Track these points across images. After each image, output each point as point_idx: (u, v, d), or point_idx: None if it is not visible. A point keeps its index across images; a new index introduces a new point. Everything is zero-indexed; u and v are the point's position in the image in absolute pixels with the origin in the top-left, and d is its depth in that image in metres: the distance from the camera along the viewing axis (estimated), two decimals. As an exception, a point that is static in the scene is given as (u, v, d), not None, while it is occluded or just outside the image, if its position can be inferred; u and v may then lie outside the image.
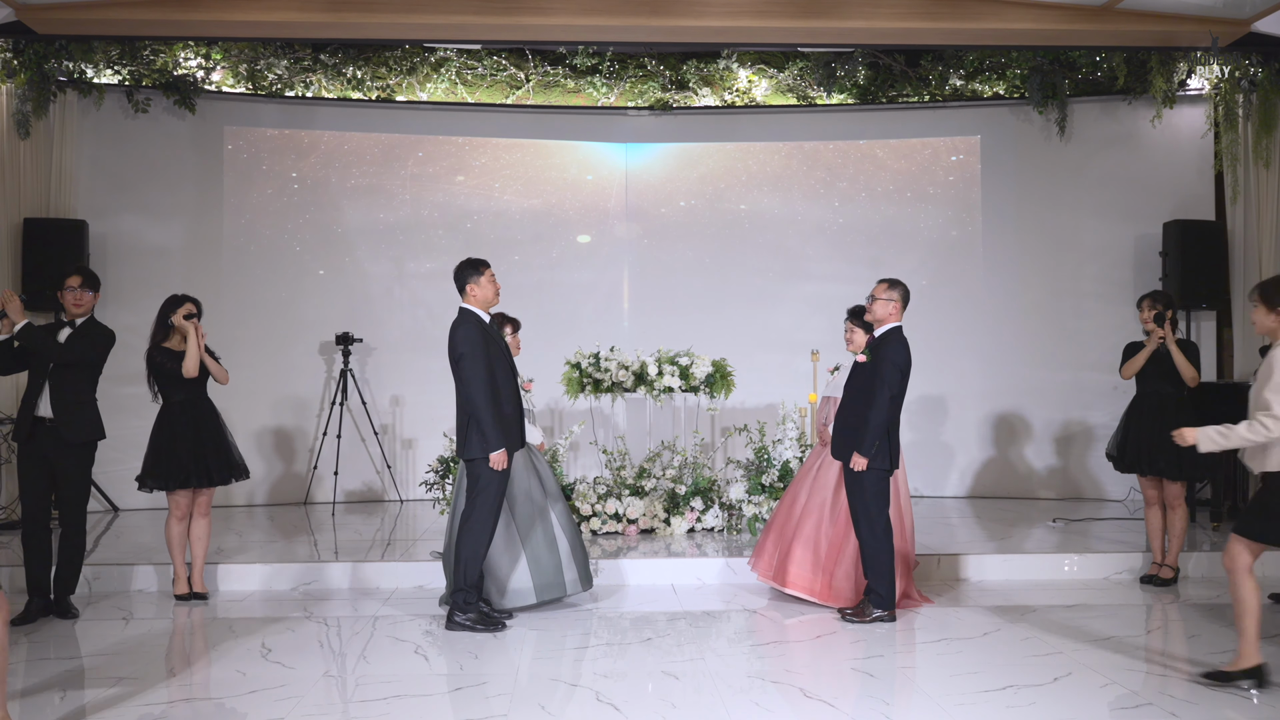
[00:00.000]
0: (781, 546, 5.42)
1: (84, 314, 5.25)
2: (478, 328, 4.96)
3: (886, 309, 5.10)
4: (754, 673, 4.34)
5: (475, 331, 4.94)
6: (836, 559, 5.28)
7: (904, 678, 4.27)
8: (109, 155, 8.03)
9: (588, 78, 8.67)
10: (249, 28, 7.18)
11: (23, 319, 5.01)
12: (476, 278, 5.03)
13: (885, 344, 5.03)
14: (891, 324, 5.09)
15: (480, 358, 4.89)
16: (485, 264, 5.09)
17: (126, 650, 4.64)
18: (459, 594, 4.94)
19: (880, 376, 4.94)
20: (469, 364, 4.86)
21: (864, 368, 5.07)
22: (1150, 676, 4.23)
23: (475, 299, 5.02)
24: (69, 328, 5.22)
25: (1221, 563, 4.27)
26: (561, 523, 5.26)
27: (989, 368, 8.47)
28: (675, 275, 8.74)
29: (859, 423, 4.97)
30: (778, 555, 5.43)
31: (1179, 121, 8.20)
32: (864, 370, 5.06)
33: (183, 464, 5.39)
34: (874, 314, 5.14)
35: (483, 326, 5.00)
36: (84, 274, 5.31)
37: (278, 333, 8.28)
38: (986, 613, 5.22)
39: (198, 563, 5.61)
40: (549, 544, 5.18)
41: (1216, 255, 7.97)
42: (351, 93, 8.52)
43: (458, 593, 4.95)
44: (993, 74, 8.48)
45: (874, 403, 4.93)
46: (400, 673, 4.34)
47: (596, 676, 4.26)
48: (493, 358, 4.94)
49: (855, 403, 5.06)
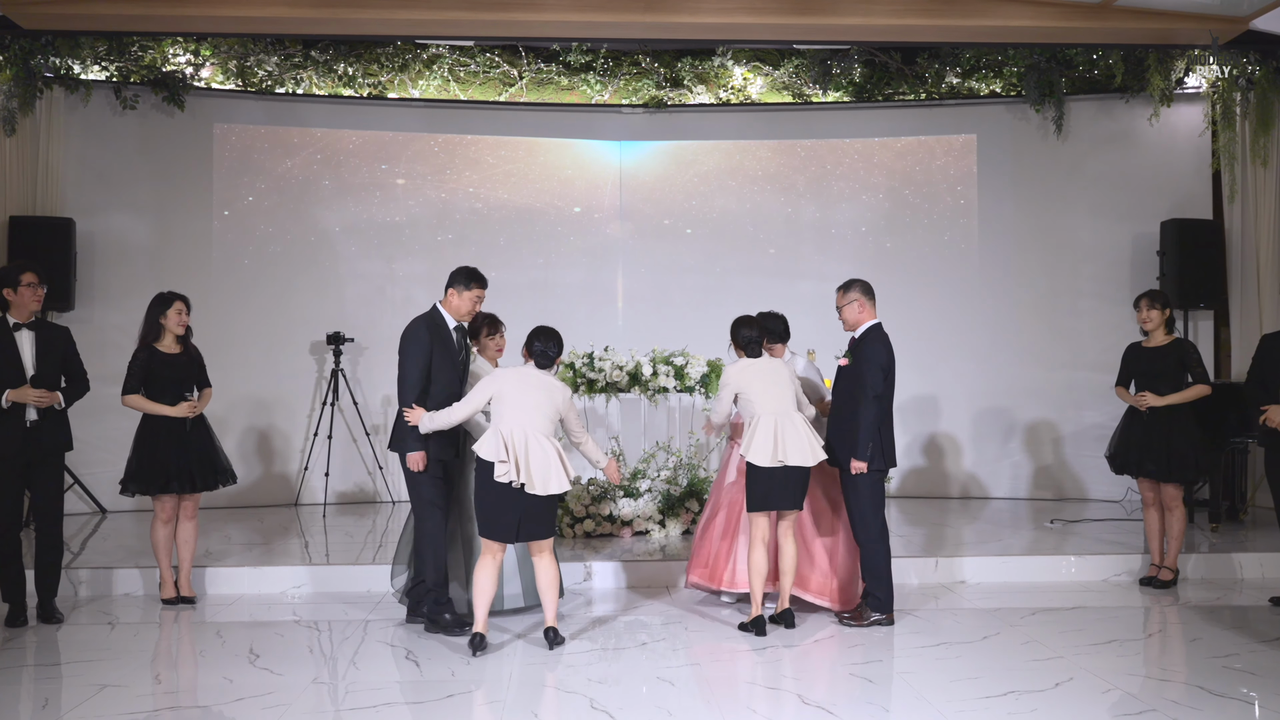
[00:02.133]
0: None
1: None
2: (429, 328, 4.91)
3: (853, 312, 5.06)
4: (751, 678, 4.27)
5: (424, 331, 4.90)
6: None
7: (903, 683, 4.20)
8: (96, 152, 7.92)
9: (581, 75, 8.59)
10: (238, 23, 7.10)
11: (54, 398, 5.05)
12: (461, 289, 4.97)
13: (864, 344, 4.97)
14: (868, 323, 5.04)
15: (419, 356, 4.85)
16: (479, 282, 5.01)
17: (111, 656, 4.55)
18: (430, 594, 4.88)
19: (862, 379, 4.88)
20: (405, 360, 4.87)
21: (847, 371, 5.01)
22: (1150, 681, 4.17)
23: (449, 305, 4.99)
24: (28, 330, 5.06)
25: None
26: None
27: (984, 367, 8.41)
28: (670, 274, 8.67)
29: (850, 427, 4.90)
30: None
31: (1176, 120, 8.15)
32: (847, 374, 5.00)
33: (166, 468, 5.29)
34: (845, 322, 5.10)
35: (438, 329, 4.93)
36: (40, 271, 5.16)
37: (268, 332, 8.19)
38: (985, 616, 5.16)
39: (184, 566, 5.52)
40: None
41: (1214, 254, 7.92)
42: (343, 90, 8.43)
43: (429, 593, 4.90)
44: (989, 72, 8.42)
45: (860, 406, 4.87)
46: (390, 679, 4.26)
47: (590, 682, 4.19)
48: (437, 362, 4.87)
49: (844, 407, 5.00)
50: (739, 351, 5.02)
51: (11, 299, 5.03)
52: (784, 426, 4.80)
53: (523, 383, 4.64)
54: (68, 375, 5.18)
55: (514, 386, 4.62)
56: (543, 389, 4.63)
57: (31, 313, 5.09)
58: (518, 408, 4.56)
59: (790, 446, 4.77)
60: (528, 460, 4.48)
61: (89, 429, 7.57)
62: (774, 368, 4.97)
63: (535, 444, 4.51)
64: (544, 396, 4.61)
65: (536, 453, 4.50)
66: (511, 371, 4.71)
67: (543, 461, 4.50)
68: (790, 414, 4.84)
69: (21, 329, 5.05)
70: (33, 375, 5.00)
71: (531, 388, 4.62)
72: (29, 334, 5.05)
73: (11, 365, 4.97)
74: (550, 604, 4.69)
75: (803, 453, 4.78)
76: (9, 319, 5.05)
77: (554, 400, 4.63)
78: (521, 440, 4.50)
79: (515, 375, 4.67)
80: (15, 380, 4.96)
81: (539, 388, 4.63)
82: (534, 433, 4.52)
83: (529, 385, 4.63)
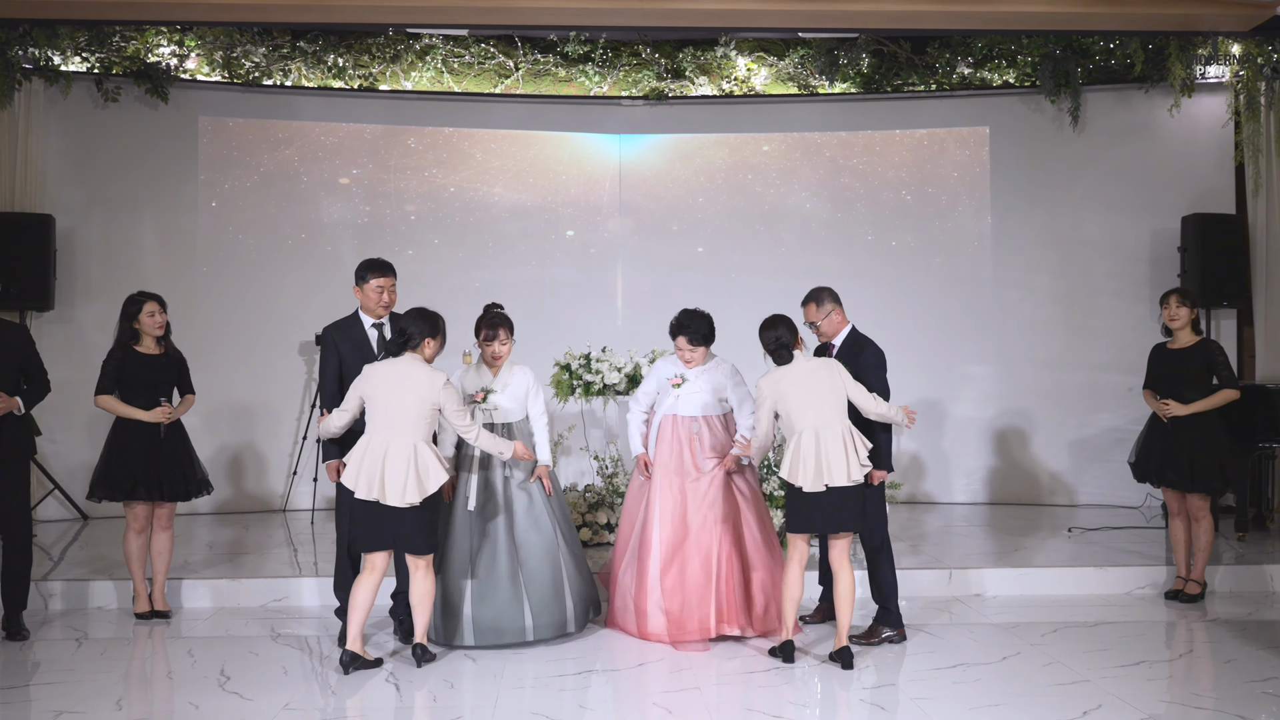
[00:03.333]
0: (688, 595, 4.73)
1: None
2: (339, 330, 4.71)
3: (831, 323, 4.75)
4: (753, 705, 3.98)
5: (332, 334, 4.71)
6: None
7: (916, 711, 3.91)
8: (77, 147, 7.66)
9: (580, 66, 8.31)
10: (223, 10, 6.77)
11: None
12: (360, 284, 4.71)
13: (857, 353, 4.66)
14: (845, 329, 4.76)
15: (327, 362, 4.68)
16: (376, 270, 4.71)
17: (74, 678, 4.27)
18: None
19: (870, 387, 4.52)
20: (320, 364, 4.67)
21: None
22: (1184, 710, 3.87)
23: (359, 302, 4.75)
24: None
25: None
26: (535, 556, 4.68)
27: (997, 368, 8.11)
28: (671, 272, 8.36)
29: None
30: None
31: (1198, 111, 7.85)
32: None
33: (134, 473, 5.02)
34: (824, 334, 4.77)
35: (348, 331, 4.69)
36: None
37: (255, 332, 7.91)
38: (1003, 633, 4.86)
39: (159, 579, 5.25)
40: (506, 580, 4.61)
41: (1237, 250, 7.60)
42: (333, 82, 8.15)
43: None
44: (1002, 61, 8.12)
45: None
46: (369, 705, 3.98)
47: (580, 709, 3.91)
48: (350, 366, 4.55)
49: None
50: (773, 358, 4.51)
51: None
52: (826, 441, 4.29)
53: (386, 378, 4.27)
54: (27, 376, 4.91)
55: (377, 384, 4.27)
56: (406, 381, 4.24)
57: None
58: (381, 408, 4.24)
59: (834, 466, 4.26)
60: (384, 469, 4.16)
61: (68, 431, 7.36)
62: (811, 370, 4.42)
63: (395, 449, 4.18)
64: (408, 390, 4.22)
65: (395, 460, 4.17)
66: (378, 366, 4.34)
67: (401, 469, 4.16)
68: (832, 425, 4.31)
69: None
70: None
71: (395, 384, 4.24)
72: None
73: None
74: (421, 621, 4.37)
75: (845, 471, 4.27)
76: None
77: (419, 392, 4.22)
78: (381, 447, 4.19)
79: (380, 370, 4.30)
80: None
81: (402, 381, 4.24)
82: (396, 435, 4.19)
83: (392, 380, 4.25)
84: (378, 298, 4.70)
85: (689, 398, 4.87)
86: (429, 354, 4.38)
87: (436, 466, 4.22)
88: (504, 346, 4.72)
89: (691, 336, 4.77)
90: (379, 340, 4.71)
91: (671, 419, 4.88)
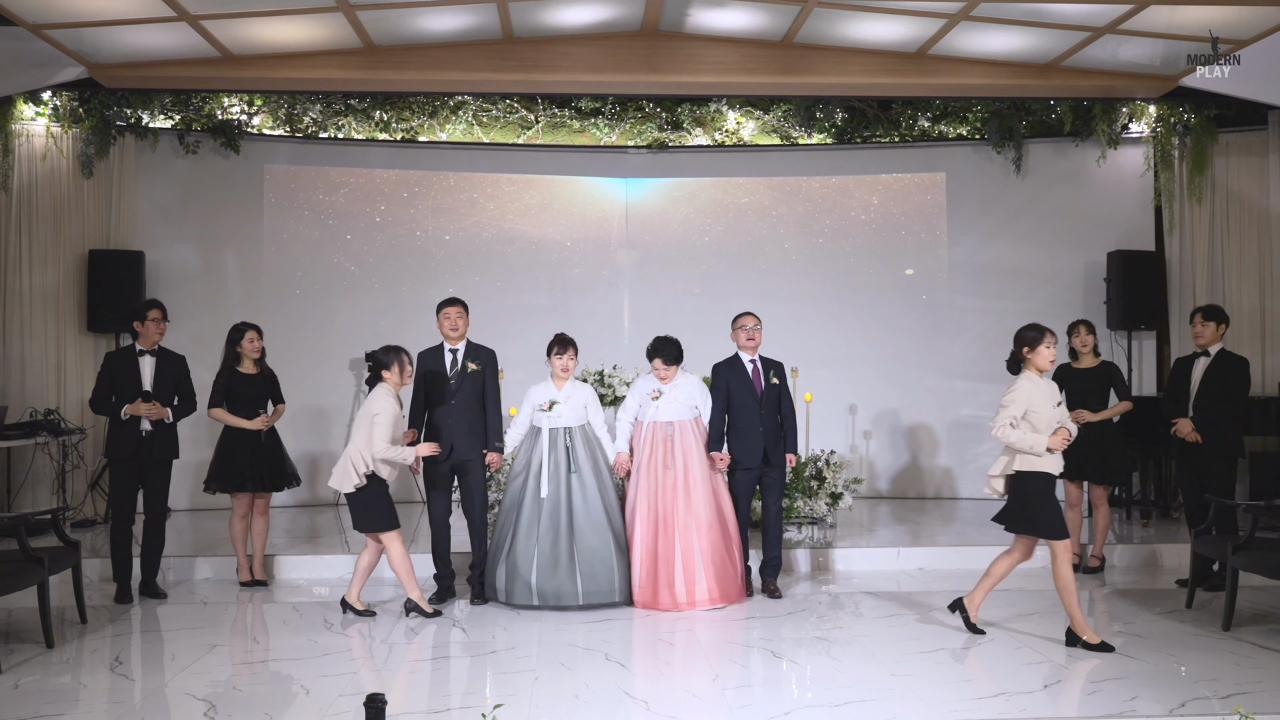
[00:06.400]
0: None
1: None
2: (428, 354, 6.08)
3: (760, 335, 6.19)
4: (732, 639, 5.25)
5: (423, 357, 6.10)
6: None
7: (861, 649, 5.17)
8: (163, 191, 8.94)
9: (591, 119, 9.59)
10: (295, 83, 8.07)
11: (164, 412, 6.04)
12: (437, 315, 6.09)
13: (778, 364, 6.16)
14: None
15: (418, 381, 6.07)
16: (447, 302, 6.05)
17: (210, 625, 5.54)
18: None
19: (785, 389, 6.08)
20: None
21: (776, 388, 6.08)
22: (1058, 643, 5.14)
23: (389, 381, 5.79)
24: (150, 355, 6.08)
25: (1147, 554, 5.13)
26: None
27: (954, 382, 9.37)
28: (672, 297, 9.62)
29: (789, 429, 6.05)
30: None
31: (1122, 161, 9.14)
32: (775, 390, 6.08)
33: (241, 470, 6.28)
34: (757, 345, 6.15)
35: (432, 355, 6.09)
36: (164, 307, 6.19)
37: (313, 350, 9.14)
38: (949, 598, 6.13)
39: (258, 554, 6.50)
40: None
41: (1155, 281, 8.88)
42: (378, 134, 9.43)
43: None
44: (956, 117, 9.41)
45: (792, 410, 6.10)
46: (441, 639, 5.25)
47: (606, 641, 5.16)
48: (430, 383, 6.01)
49: (770, 417, 6.04)
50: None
51: (140, 330, 6.04)
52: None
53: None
54: (180, 395, 6.17)
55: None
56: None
57: (154, 342, 6.09)
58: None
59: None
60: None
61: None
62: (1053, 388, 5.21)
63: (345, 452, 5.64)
64: (361, 412, 5.59)
65: (341, 460, 5.62)
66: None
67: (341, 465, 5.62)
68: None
69: (145, 355, 6.06)
70: (145, 392, 5.98)
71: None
72: (150, 359, 6.06)
73: (133, 385, 5.97)
74: (357, 582, 5.74)
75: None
76: (136, 346, 6.06)
77: (361, 414, 5.58)
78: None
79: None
80: (135, 398, 5.95)
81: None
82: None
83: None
84: (450, 325, 5.98)
85: (665, 407, 5.98)
86: (393, 382, 5.70)
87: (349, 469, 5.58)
88: (572, 361, 5.97)
89: (666, 358, 5.98)
90: (451, 363, 5.98)
91: (652, 425, 6.02)
